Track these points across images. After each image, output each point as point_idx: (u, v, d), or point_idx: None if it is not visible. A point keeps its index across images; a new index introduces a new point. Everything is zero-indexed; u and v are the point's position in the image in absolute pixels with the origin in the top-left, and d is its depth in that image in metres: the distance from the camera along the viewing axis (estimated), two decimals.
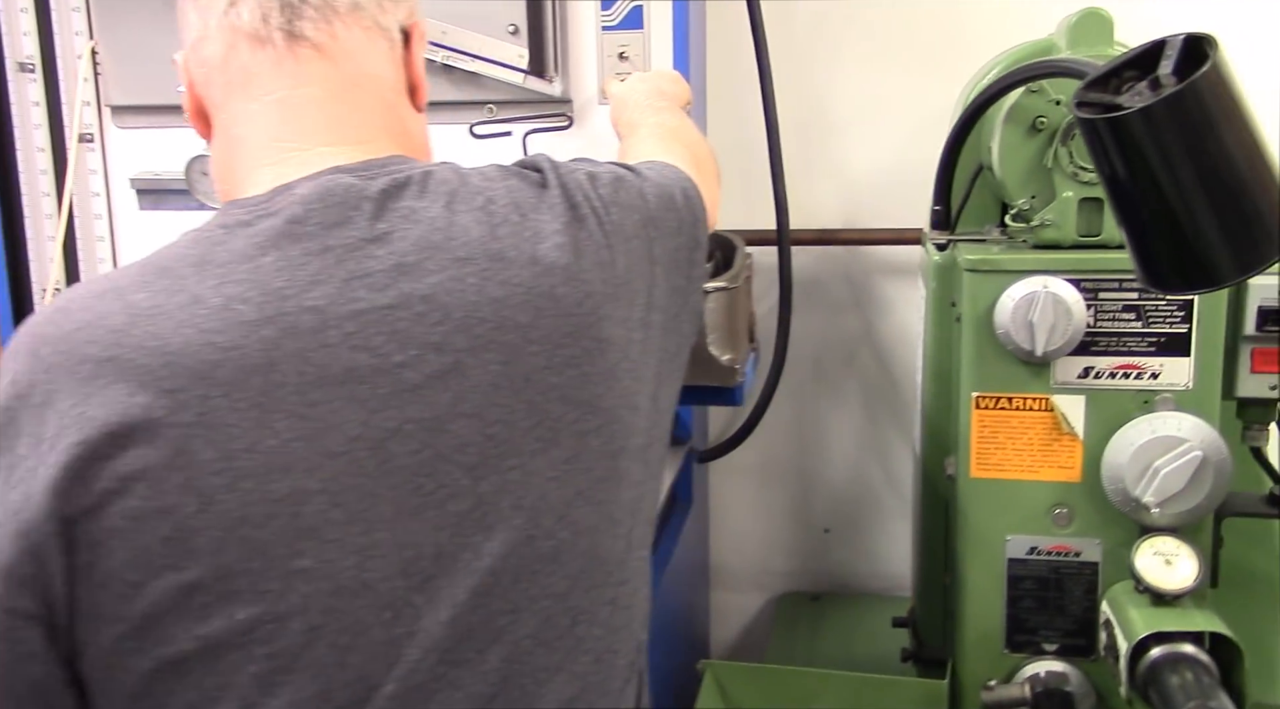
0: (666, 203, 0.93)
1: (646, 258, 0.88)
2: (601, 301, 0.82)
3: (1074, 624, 1.38)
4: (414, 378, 0.75)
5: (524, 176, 0.87)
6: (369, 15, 0.89)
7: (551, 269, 0.80)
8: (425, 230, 0.79)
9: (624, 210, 0.88)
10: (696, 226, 0.97)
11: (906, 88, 1.90)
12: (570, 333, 0.80)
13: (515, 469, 0.77)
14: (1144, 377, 1.31)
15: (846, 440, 2.07)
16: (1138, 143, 0.89)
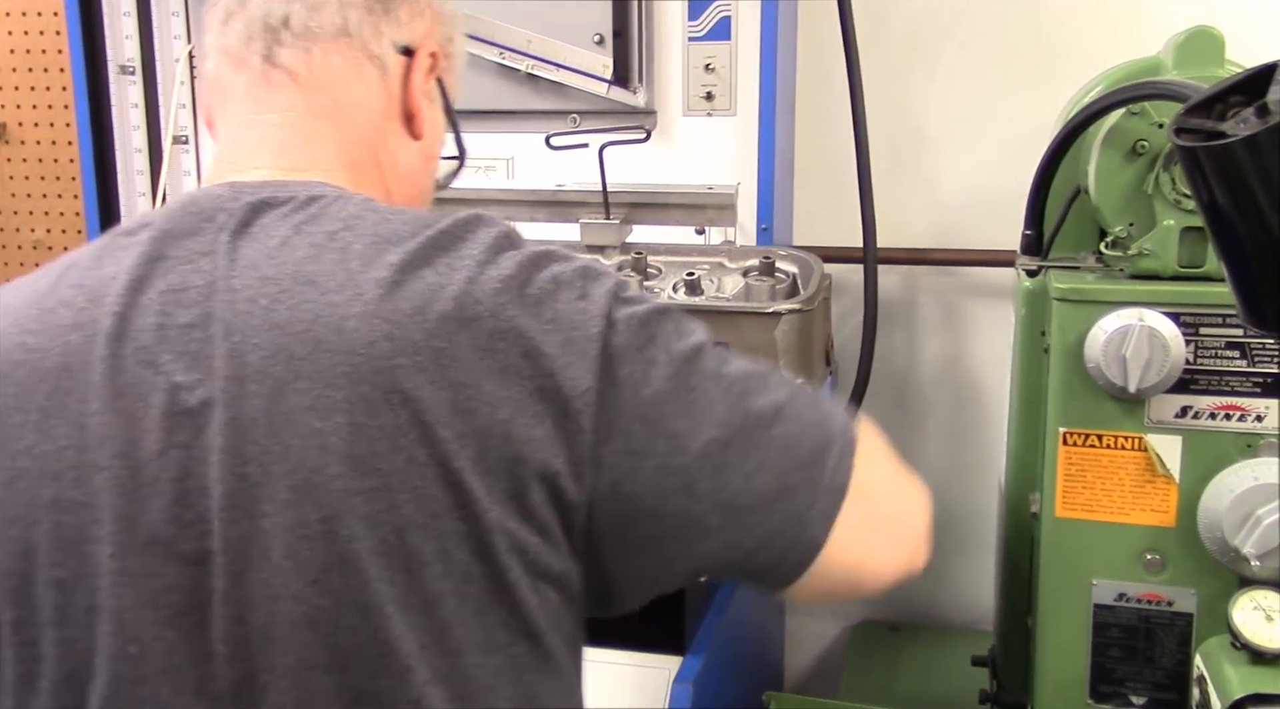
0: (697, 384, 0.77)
1: (570, 348, 0.74)
2: (411, 351, 0.70)
3: (1164, 677, 1.30)
4: (188, 401, 0.72)
5: (419, 218, 0.78)
6: (358, 43, 0.87)
7: (352, 300, 0.71)
8: (256, 250, 0.75)
9: (567, 296, 0.75)
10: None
11: (1004, 104, 1.83)
12: (348, 374, 0.70)
13: (266, 517, 0.70)
14: (1247, 419, 1.23)
15: (931, 467, 1.98)
16: (1241, 173, 0.82)
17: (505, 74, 1.72)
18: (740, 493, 0.77)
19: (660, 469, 0.75)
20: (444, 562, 0.71)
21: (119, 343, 0.74)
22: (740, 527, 0.78)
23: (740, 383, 0.80)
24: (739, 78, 1.69)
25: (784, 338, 1.30)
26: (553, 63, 1.69)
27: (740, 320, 1.32)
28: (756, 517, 0.78)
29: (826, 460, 0.80)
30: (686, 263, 1.48)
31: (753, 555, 0.79)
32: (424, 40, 0.92)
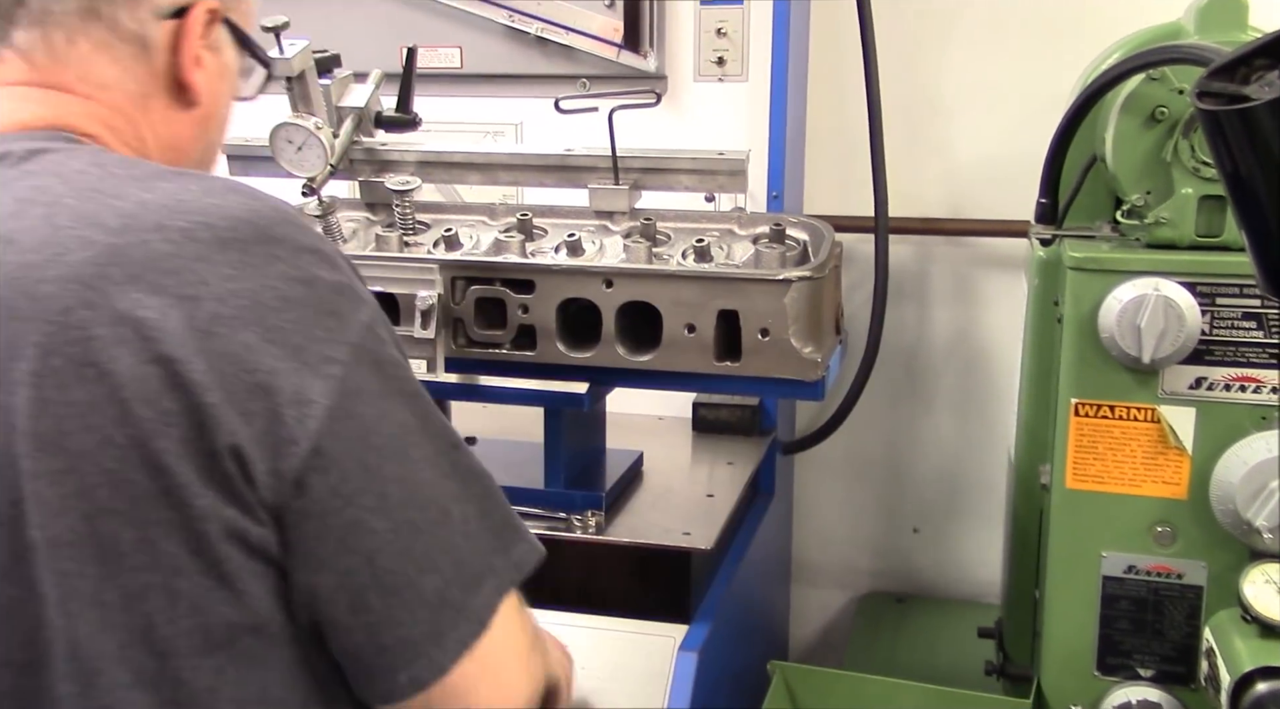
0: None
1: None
2: (105, 322, 0.65)
3: (1173, 650, 1.29)
4: None
5: (137, 167, 0.77)
6: (107, 24, 0.84)
7: (51, 261, 0.66)
8: None
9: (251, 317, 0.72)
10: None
11: (1020, 71, 1.81)
12: (39, 344, 0.65)
13: None
14: (1263, 390, 1.21)
15: (940, 438, 1.99)
16: (1264, 137, 0.81)
17: (514, 37, 1.70)
18: (406, 586, 0.77)
19: (355, 523, 0.75)
20: (147, 552, 0.67)
21: None
22: (388, 620, 0.77)
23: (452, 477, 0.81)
24: (751, 43, 1.67)
25: (793, 305, 1.28)
26: (562, 25, 1.67)
27: (750, 287, 1.31)
28: (406, 615, 0.78)
29: (482, 588, 0.81)
30: (696, 229, 1.47)
31: (379, 652, 0.78)
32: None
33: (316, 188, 1.41)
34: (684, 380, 1.37)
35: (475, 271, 1.37)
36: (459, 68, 1.74)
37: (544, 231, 1.49)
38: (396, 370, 0.79)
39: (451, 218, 1.54)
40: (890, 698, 1.38)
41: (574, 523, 1.41)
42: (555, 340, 1.36)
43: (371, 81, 1.47)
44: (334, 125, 1.43)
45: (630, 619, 1.36)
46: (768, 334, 1.30)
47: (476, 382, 1.42)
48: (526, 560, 0.87)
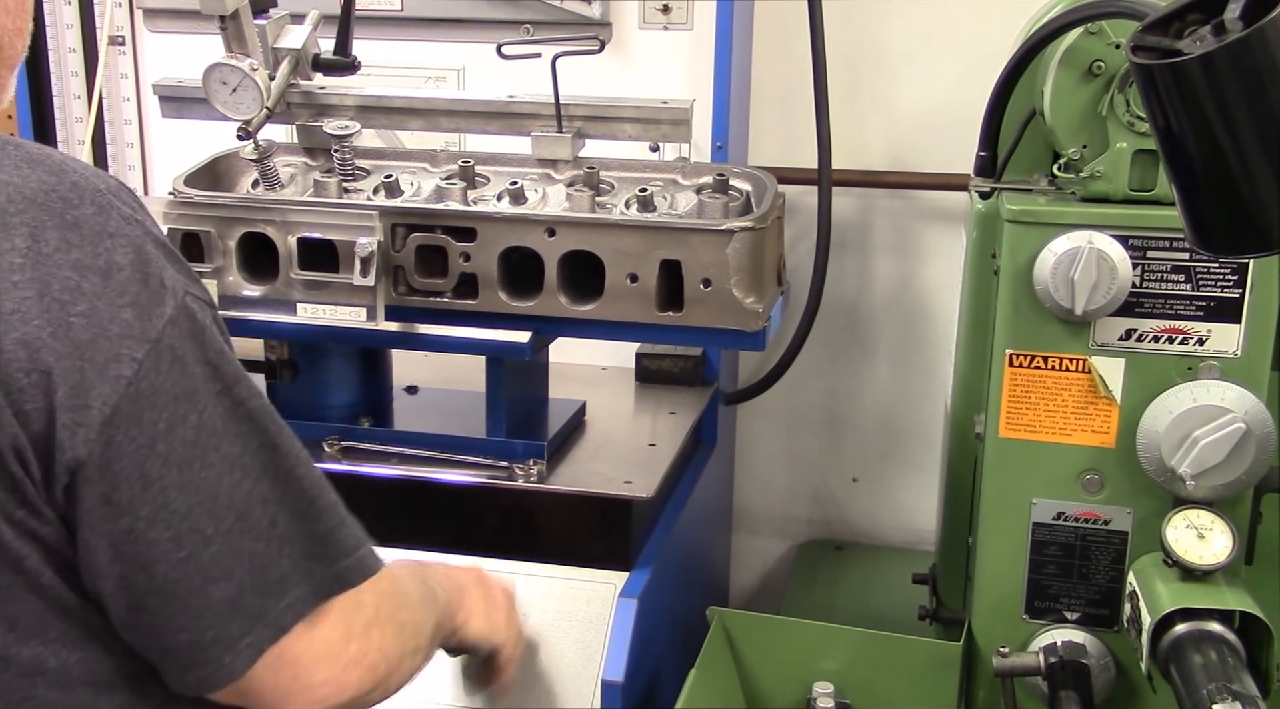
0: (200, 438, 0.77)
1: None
2: None
3: (1098, 594, 1.33)
4: None
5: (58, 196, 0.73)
6: None
7: None
8: None
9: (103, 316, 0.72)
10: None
11: (965, 23, 1.81)
12: None
13: None
14: (1189, 342, 1.24)
15: (880, 389, 2.02)
16: (1195, 92, 0.82)
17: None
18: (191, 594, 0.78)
19: (129, 533, 0.75)
20: None
21: None
22: (170, 625, 0.79)
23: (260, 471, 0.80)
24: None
25: (736, 256, 1.29)
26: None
27: (692, 237, 1.31)
28: (190, 621, 0.79)
29: (286, 595, 0.82)
30: (640, 178, 1.46)
31: (164, 653, 0.81)
32: None
33: (253, 131, 1.38)
34: (626, 330, 1.37)
35: (416, 219, 1.36)
36: (400, 10, 1.70)
37: (486, 179, 1.47)
38: (208, 368, 0.76)
39: (392, 164, 1.52)
40: (826, 642, 1.41)
41: (516, 472, 1.41)
42: (497, 289, 1.36)
43: (309, 23, 1.44)
44: (270, 67, 1.40)
45: (572, 566, 1.38)
46: (710, 284, 1.31)
47: (417, 330, 1.41)
48: (349, 577, 0.86)
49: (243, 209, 1.37)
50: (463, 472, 1.42)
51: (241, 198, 1.45)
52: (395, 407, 1.57)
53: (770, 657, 1.42)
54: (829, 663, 1.40)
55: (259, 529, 0.80)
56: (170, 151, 1.79)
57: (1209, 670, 1.13)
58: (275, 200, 1.41)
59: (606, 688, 1.28)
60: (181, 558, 0.76)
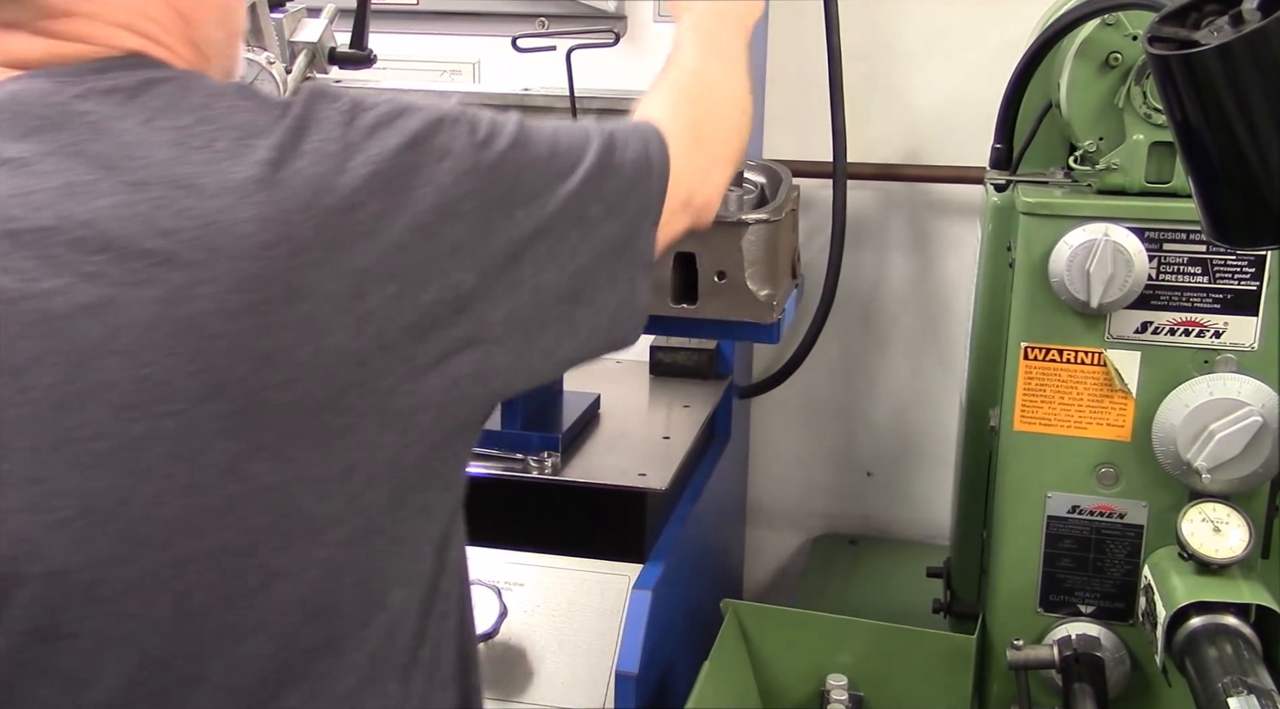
0: (548, 164, 0.84)
1: (445, 210, 0.78)
2: (306, 247, 0.73)
3: (1113, 587, 1.33)
4: (62, 307, 0.70)
5: (262, 102, 0.78)
6: None
7: (239, 204, 0.72)
8: (108, 147, 0.73)
9: (421, 152, 0.78)
10: (621, 212, 0.90)
11: (980, 16, 1.81)
12: (251, 276, 0.71)
13: (171, 417, 0.70)
14: (1206, 335, 1.24)
15: (895, 383, 2.02)
16: (1212, 83, 0.82)
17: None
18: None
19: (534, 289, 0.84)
20: (353, 435, 0.75)
21: None
22: None
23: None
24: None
25: (750, 248, 1.29)
26: None
27: (707, 229, 1.31)
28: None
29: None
30: None
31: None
32: None
33: None
34: None
35: None
36: (415, 4, 1.71)
37: None
38: (503, 159, 0.84)
39: None
40: (840, 635, 1.41)
41: (530, 464, 1.42)
42: None
43: (325, 16, 1.45)
44: (287, 61, 1.41)
45: (586, 559, 1.38)
46: (724, 277, 1.31)
47: None
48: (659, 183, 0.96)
49: None
50: (477, 463, 1.42)
51: None
52: None
53: (784, 649, 1.42)
54: (843, 656, 1.40)
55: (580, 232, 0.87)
56: None
57: (1224, 664, 1.13)
58: None
59: (620, 680, 1.29)
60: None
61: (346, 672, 0.79)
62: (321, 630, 0.77)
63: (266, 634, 0.75)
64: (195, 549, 0.72)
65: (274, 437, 0.72)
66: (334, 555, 0.76)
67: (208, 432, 0.71)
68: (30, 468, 0.70)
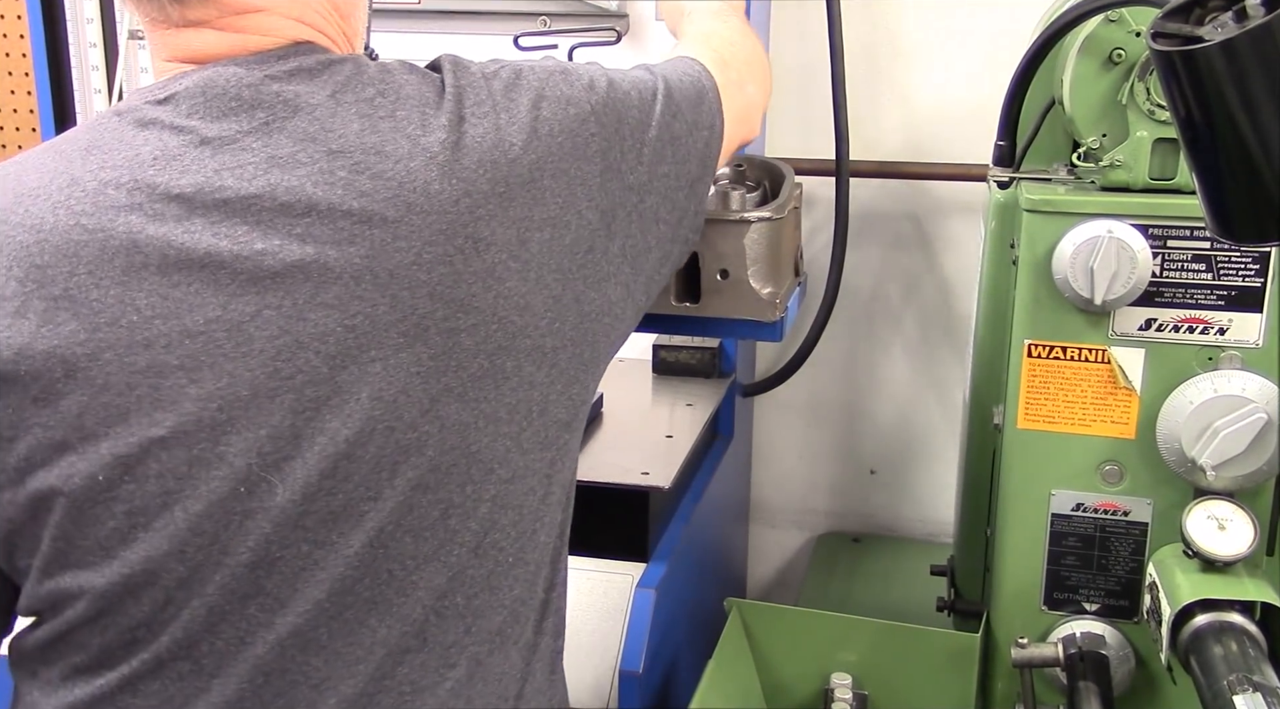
0: (636, 97, 0.93)
1: (577, 153, 0.87)
2: (484, 200, 0.81)
3: (1118, 585, 1.33)
4: (274, 265, 0.78)
5: (424, 75, 0.86)
6: None
7: (428, 165, 0.80)
8: (304, 122, 0.80)
9: (548, 104, 0.87)
10: (698, 126, 0.99)
11: (983, 12, 1.80)
12: (443, 230, 0.79)
13: (377, 362, 0.78)
14: (1210, 332, 1.24)
15: (898, 382, 2.01)
16: (1217, 79, 0.81)
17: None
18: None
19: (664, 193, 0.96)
20: (519, 375, 0.83)
21: (186, 220, 0.78)
22: None
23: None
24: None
25: (753, 246, 1.29)
26: None
27: (709, 227, 1.30)
28: None
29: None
30: None
31: None
32: None
33: None
34: (643, 321, 1.37)
35: None
36: (417, 3, 1.71)
37: None
38: (622, 91, 0.96)
39: None
40: (844, 633, 1.41)
41: None
42: None
43: None
44: None
45: (589, 557, 1.38)
46: (727, 275, 1.30)
47: None
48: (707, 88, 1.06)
49: None
50: None
51: None
52: None
53: (788, 648, 1.42)
54: (847, 654, 1.40)
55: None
56: None
57: (1230, 662, 1.12)
58: None
59: (624, 679, 1.29)
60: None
61: (498, 609, 0.86)
62: (485, 565, 0.84)
63: (439, 565, 0.82)
64: (390, 484, 0.79)
65: (463, 378, 0.80)
66: (500, 492, 0.84)
67: (408, 374, 0.78)
68: (253, 414, 0.77)
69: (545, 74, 0.89)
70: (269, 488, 0.78)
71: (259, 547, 0.79)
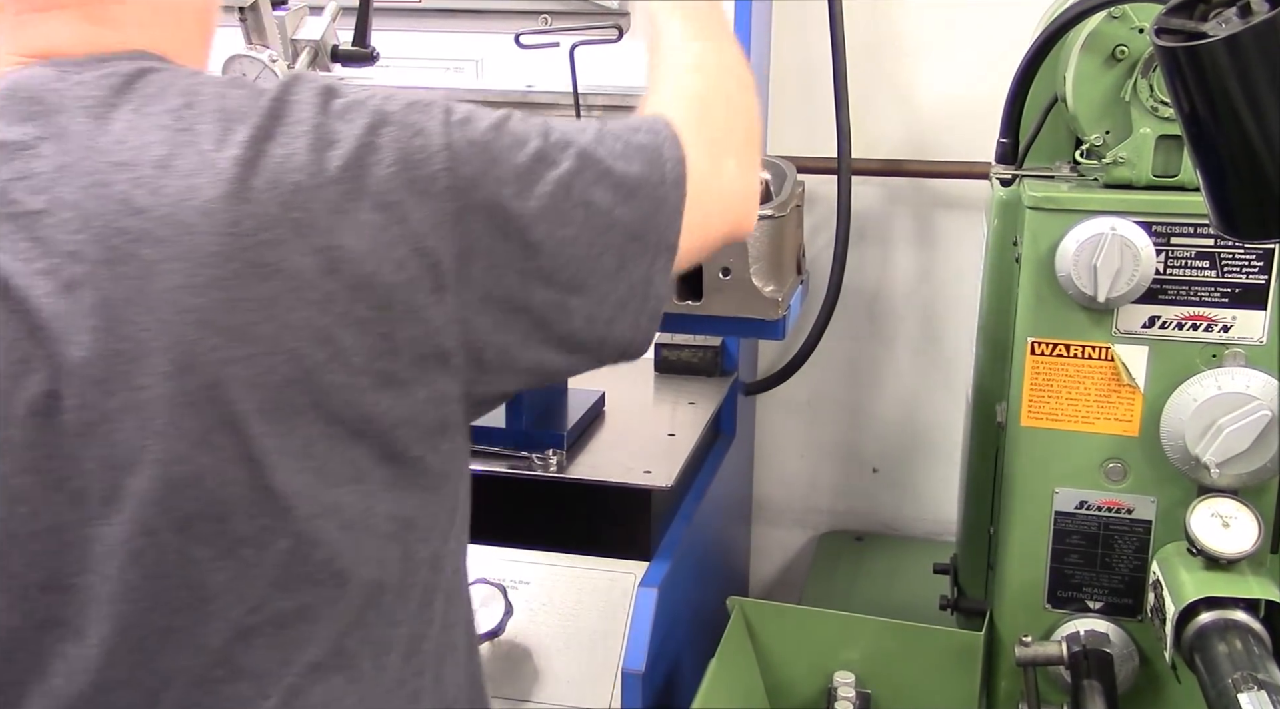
0: (533, 148, 0.82)
1: (417, 187, 0.78)
2: (272, 224, 0.75)
3: (1121, 583, 1.32)
4: (48, 286, 0.74)
5: (254, 90, 0.80)
6: None
7: (213, 182, 0.75)
8: (99, 130, 0.76)
9: (391, 130, 0.79)
10: (637, 197, 0.86)
11: (985, 10, 1.80)
12: (218, 253, 0.74)
13: (144, 389, 0.74)
14: (1214, 329, 1.23)
15: (900, 379, 2.01)
16: (1221, 75, 0.81)
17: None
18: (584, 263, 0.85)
19: (521, 273, 0.82)
20: (317, 411, 0.77)
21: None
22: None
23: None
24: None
25: (755, 244, 1.29)
26: None
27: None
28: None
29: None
30: None
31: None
32: None
33: None
34: None
35: None
36: (418, 1, 1.71)
37: None
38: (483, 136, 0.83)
39: None
40: (847, 632, 1.40)
41: (535, 462, 1.41)
42: None
43: (327, 14, 1.44)
44: (289, 59, 1.40)
45: (591, 556, 1.38)
46: (729, 273, 1.30)
47: None
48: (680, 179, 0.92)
49: None
50: (482, 461, 1.42)
51: None
52: None
53: (791, 646, 1.42)
54: (850, 653, 1.40)
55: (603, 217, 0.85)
56: None
57: (1234, 660, 1.12)
58: None
59: (626, 678, 1.28)
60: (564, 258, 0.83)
61: (319, 641, 0.81)
62: (290, 599, 0.79)
63: (234, 597, 0.77)
64: (165, 518, 0.75)
65: (240, 412, 0.74)
66: (303, 529, 0.78)
67: (177, 405, 0.73)
68: (19, 434, 0.74)
69: (404, 103, 0.81)
70: (34, 511, 0.75)
71: (50, 570, 0.75)
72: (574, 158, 0.84)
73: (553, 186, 0.82)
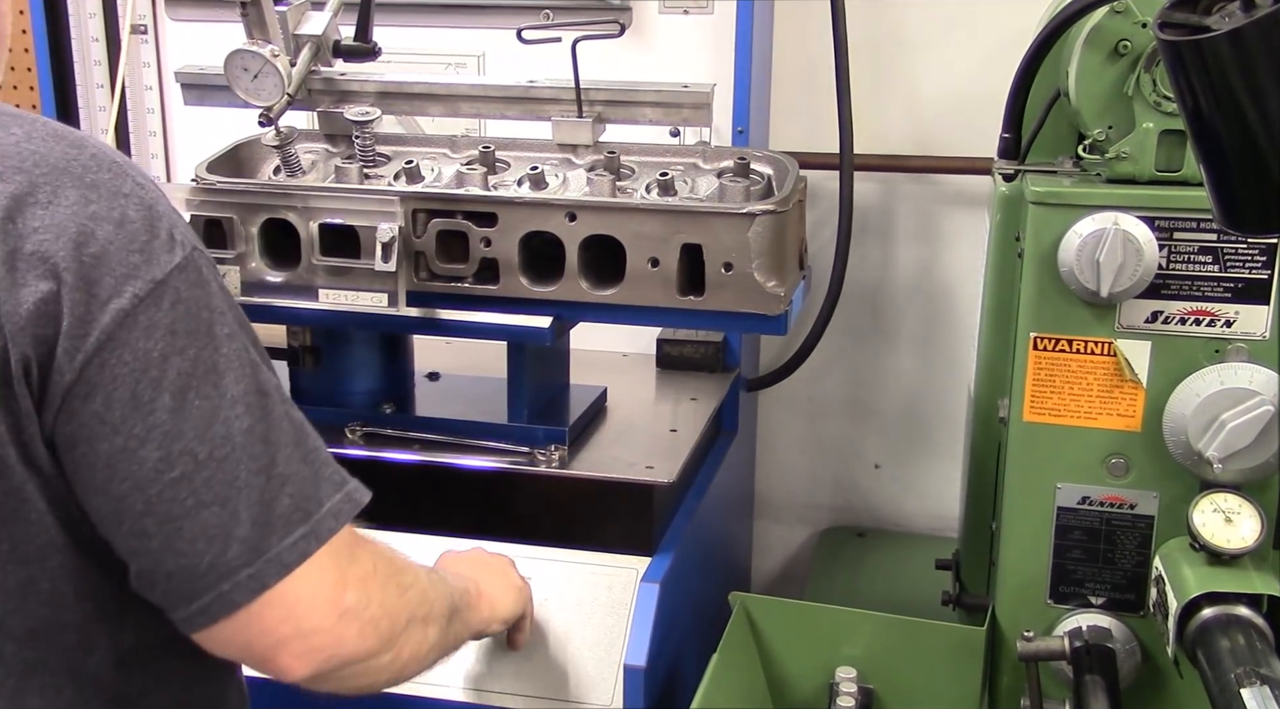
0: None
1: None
2: None
3: (1123, 578, 1.32)
4: None
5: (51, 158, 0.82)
6: None
7: None
8: None
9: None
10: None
11: (987, 5, 1.80)
12: None
13: None
14: (1217, 324, 1.23)
15: (902, 375, 2.01)
16: (1224, 69, 0.81)
17: None
18: (184, 516, 0.84)
19: (123, 450, 0.82)
20: None
21: None
22: (168, 548, 0.84)
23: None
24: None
25: (757, 239, 1.28)
26: None
27: (713, 221, 1.30)
28: (186, 545, 0.84)
29: (291, 533, 0.87)
30: (660, 163, 1.46)
31: (167, 578, 0.86)
32: None
33: (274, 117, 1.39)
34: (647, 315, 1.37)
35: (437, 204, 1.36)
36: None
37: (506, 164, 1.47)
38: (209, 314, 0.84)
39: (412, 150, 1.52)
40: (849, 627, 1.40)
41: (538, 457, 1.41)
42: (518, 274, 1.35)
43: (330, 9, 1.44)
44: (291, 54, 1.40)
45: (594, 551, 1.38)
46: (731, 268, 1.30)
47: (438, 316, 1.41)
48: (343, 511, 0.91)
49: (265, 196, 1.37)
50: (484, 457, 1.42)
51: (263, 184, 1.45)
52: (417, 392, 1.58)
53: (793, 642, 1.42)
54: (852, 648, 1.40)
55: (258, 463, 0.85)
56: (192, 139, 1.80)
57: (1236, 655, 1.12)
58: (297, 187, 1.41)
59: (629, 673, 1.29)
60: (174, 478, 0.82)
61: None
62: None
63: None
64: None
65: None
66: None
67: None
68: None
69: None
70: None
71: None
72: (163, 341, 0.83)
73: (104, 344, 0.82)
